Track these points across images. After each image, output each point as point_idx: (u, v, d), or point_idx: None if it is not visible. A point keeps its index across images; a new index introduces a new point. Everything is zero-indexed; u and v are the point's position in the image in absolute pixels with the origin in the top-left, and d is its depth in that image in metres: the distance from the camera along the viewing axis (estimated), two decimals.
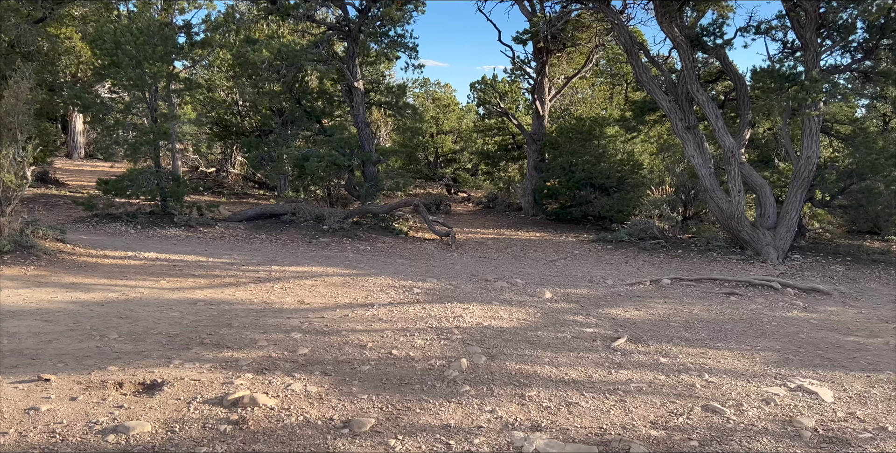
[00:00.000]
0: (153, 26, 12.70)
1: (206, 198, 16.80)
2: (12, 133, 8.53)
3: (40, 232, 8.69)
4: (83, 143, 27.34)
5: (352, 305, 6.88)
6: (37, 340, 4.88)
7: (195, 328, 5.54)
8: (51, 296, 6.43)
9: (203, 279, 7.93)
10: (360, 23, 13.39)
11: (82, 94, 12.97)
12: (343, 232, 12.41)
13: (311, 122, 15.55)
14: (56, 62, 15.59)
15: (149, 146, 12.40)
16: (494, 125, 21.14)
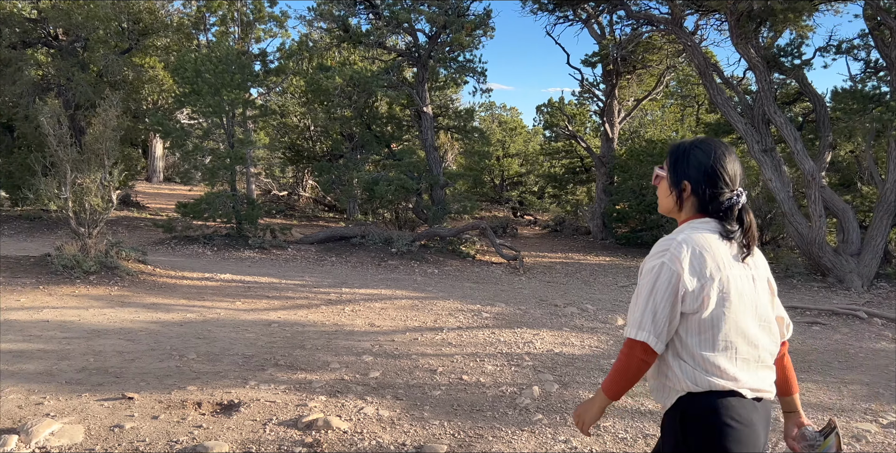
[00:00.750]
0: (231, 55, 13.21)
1: (279, 221, 17.22)
2: (100, 158, 8.96)
3: (123, 253, 9.06)
4: (162, 167, 28.52)
5: (421, 329, 6.89)
6: (121, 359, 5.05)
7: (270, 349, 5.64)
8: (133, 316, 6.67)
9: (277, 301, 8.09)
10: (429, 49, 13.60)
11: (164, 121, 13.56)
12: (411, 255, 12.49)
13: (380, 147, 15.82)
14: (140, 90, 16.34)
15: (225, 170, 12.82)
16: (562, 148, 21.05)
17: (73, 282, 7.96)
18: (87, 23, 14.15)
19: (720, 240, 1.91)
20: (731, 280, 1.88)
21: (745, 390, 1.86)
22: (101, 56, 14.47)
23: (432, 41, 13.57)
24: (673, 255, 1.86)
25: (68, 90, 14.39)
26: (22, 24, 14.58)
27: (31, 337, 5.55)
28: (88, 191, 8.63)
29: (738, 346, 1.88)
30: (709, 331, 1.86)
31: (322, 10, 13.30)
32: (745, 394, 1.86)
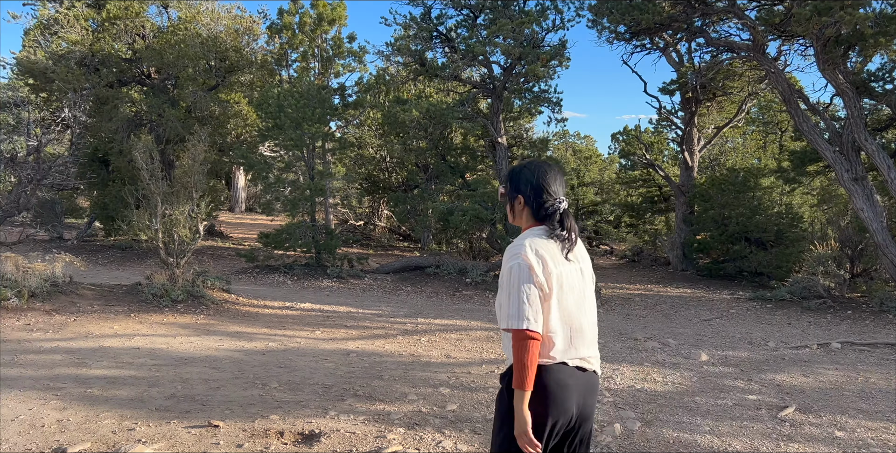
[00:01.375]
0: (311, 90, 13.65)
1: (356, 251, 17.50)
2: (188, 191, 9.35)
3: (209, 282, 9.37)
4: (244, 198, 29.52)
5: (497, 361, 6.83)
6: (206, 387, 5.20)
7: (348, 379, 5.69)
8: (218, 344, 6.86)
9: (354, 330, 8.19)
10: (504, 80, 13.70)
11: (248, 154, 14.08)
12: (485, 285, 12.45)
13: (454, 177, 15.94)
14: (225, 125, 17.03)
15: (305, 201, 13.16)
16: (639, 176, 20.71)
17: (162, 311, 8.27)
18: (178, 62, 14.91)
19: (551, 242, 2.38)
20: (563, 274, 2.36)
21: (569, 360, 2.37)
22: (189, 93, 15.19)
23: (507, 72, 13.67)
24: (523, 257, 2.30)
25: (159, 125, 15.14)
26: (119, 65, 15.48)
27: (123, 363, 5.78)
28: (177, 223, 9.00)
29: (570, 327, 2.37)
30: (547, 315, 2.31)
31: (399, 44, 13.62)
32: (569, 364, 2.37)
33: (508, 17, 12.72)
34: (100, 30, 15.21)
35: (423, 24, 13.53)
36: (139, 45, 15.40)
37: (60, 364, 5.63)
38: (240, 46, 16.39)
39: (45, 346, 6.24)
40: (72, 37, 14.69)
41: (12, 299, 7.45)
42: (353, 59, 17.67)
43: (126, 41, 15.40)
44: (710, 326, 10.06)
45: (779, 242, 14.50)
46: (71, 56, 14.69)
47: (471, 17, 13.75)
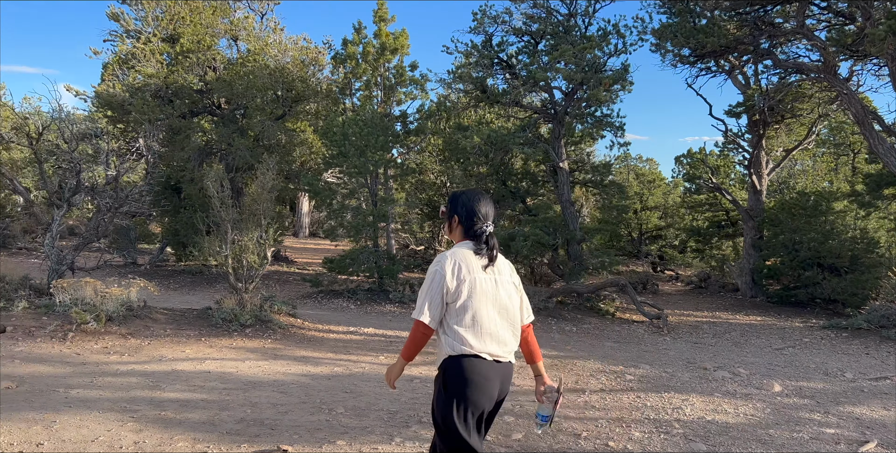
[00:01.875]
0: (375, 118, 13.91)
1: (417, 276, 17.58)
2: (257, 218, 9.59)
3: (276, 307, 9.55)
4: (308, 223, 30.09)
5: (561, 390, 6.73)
6: (275, 411, 5.28)
7: (412, 405, 5.70)
8: (285, 369, 6.97)
9: (418, 356, 8.18)
10: (566, 105, 13.69)
11: (313, 181, 14.38)
12: (547, 311, 12.32)
13: (515, 202, 15.91)
14: (292, 153, 17.47)
15: (368, 227, 13.34)
16: (705, 200, 20.27)
17: (231, 335, 8.46)
18: (247, 92, 15.42)
19: (474, 255, 2.97)
20: (477, 281, 2.92)
21: (485, 354, 2.89)
22: (257, 122, 15.66)
23: (569, 97, 13.66)
24: (442, 265, 2.90)
25: (229, 154, 15.63)
26: (191, 96, 16.10)
27: (195, 387, 5.92)
28: (246, 249, 9.24)
29: (481, 325, 2.91)
30: (461, 315, 2.90)
31: (461, 72, 13.78)
32: (485, 357, 2.89)
33: (570, 43, 12.74)
34: (173, 63, 15.88)
35: (485, 52, 13.68)
36: (210, 76, 16.00)
37: (136, 386, 5.81)
38: (306, 76, 16.85)
39: (122, 369, 6.45)
40: (148, 70, 15.38)
41: (91, 323, 7.74)
42: (415, 87, 17.94)
43: (198, 73, 16.02)
44: (783, 355, 9.71)
45: (854, 268, 13.93)
46: (147, 88, 15.36)
47: (532, 43, 13.84)
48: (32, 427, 4.54)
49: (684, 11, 12.77)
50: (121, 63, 16.08)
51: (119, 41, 16.86)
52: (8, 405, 5.00)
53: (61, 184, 10.55)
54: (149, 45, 15.70)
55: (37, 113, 19.10)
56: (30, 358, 6.67)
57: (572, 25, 13.46)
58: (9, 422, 4.58)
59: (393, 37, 17.35)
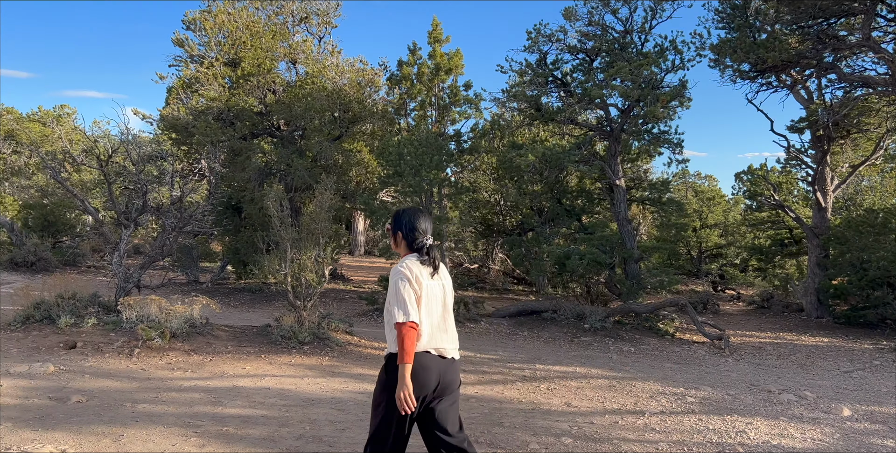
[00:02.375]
0: (429, 137, 14.05)
1: (471, 294, 17.57)
2: (315, 237, 9.75)
3: (333, 324, 9.66)
4: (363, 241, 30.44)
5: (620, 411, 6.61)
6: (333, 428, 5.32)
7: (469, 425, 5.67)
8: (343, 386, 7.04)
9: (473, 375, 8.17)
10: (622, 122, 13.58)
11: (369, 201, 14.57)
12: (605, 331, 12.15)
13: (570, 220, 15.80)
14: (348, 173, 17.74)
15: None
16: (767, 218, 19.74)
17: (290, 352, 8.59)
18: (305, 114, 15.77)
19: (421, 265, 3.41)
20: (429, 287, 3.38)
21: (431, 350, 3.36)
22: (315, 143, 15.98)
23: (625, 114, 13.55)
24: (404, 274, 3.33)
25: (288, 175, 15.97)
26: (251, 118, 16.55)
27: (255, 403, 6.03)
28: (304, 267, 9.39)
29: (431, 325, 3.37)
30: (421, 314, 3.31)
31: (515, 91, 13.84)
32: (431, 352, 3.36)
33: (626, 60, 12.67)
34: (235, 86, 16.37)
35: (539, 70, 13.71)
36: (270, 99, 16.43)
37: (199, 402, 5.94)
38: (362, 98, 17.14)
39: (185, 385, 6.61)
40: (210, 94, 15.89)
41: (156, 339, 7.97)
42: (469, 106, 18.08)
43: (258, 96, 16.47)
44: (852, 378, 9.33)
45: None
46: (209, 111, 15.86)
47: (587, 60, 13.82)
48: (102, 440, 4.68)
49: (744, 26, 12.58)
50: (185, 87, 16.65)
51: (183, 66, 17.48)
52: (78, 418, 5.18)
53: (128, 205, 10.93)
54: (211, 70, 16.23)
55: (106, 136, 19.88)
56: (98, 373, 6.89)
57: (628, 42, 13.39)
58: (79, 435, 4.74)
59: (447, 57, 17.55)
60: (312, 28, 18.18)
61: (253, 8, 17.18)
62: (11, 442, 4.51)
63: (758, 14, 12.78)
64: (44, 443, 4.46)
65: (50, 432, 4.78)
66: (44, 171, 21.54)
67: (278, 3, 17.48)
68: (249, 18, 16.68)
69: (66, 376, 6.69)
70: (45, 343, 8.09)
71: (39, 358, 7.42)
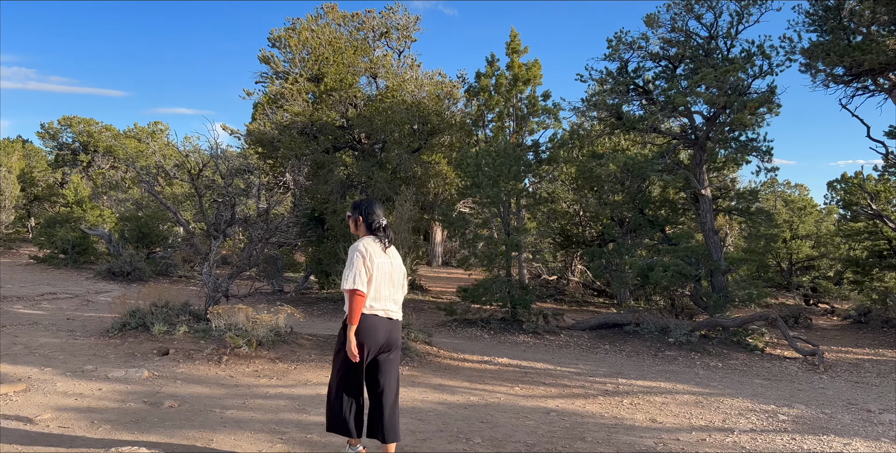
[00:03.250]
0: (508, 148, 14.02)
1: (549, 306, 17.40)
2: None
3: (413, 335, 9.73)
4: (441, 252, 30.60)
5: (708, 428, 6.39)
6: (413, 438, 5.35)
7: (550, 439, 5.59)
8: (422, 396, 7.06)
9: (553, 388, 8.07)
10: (707, 130, 13.20)
11: (447, 212, 14.65)
12: (690, 345, 11.78)
13: (653, 231, 15.43)
14: (427, 184, 17.90)
15: (501, 257, 13.37)
16: (863, 228, 18.76)
17: None
18: (385, 127, 16.03)
19: (375, 243, 4.33)
20: (379, 262, 4.27)
21: (380, 312, 4.29)
22: (395, 155, 16.21)
23: (710, 122, 13.16)
24: (360, 251, 4.21)
25: (368, 187, 16.24)
26: (333, 132, 16.93)
27: None
28: None
29: (380, 293, 4.27)
30: (368, 285, 4.21)
31: (595, 100, 13.66)
32: (380, 314, 4.29)
33: (711, 66, 12.33)
34: (318, 101, 16.80)
35: (620, 78, 13.50)
36: (351, 113, 16.78)
37: (284, 409, 6.08)
38: (441, 110, 17.29)
39: (271, 392, 6.78)
40: (294, 108, 16.36)
41: (243, 347, 8.21)
42: (548, 116, 17.97)
43: (340, 110, 16.84)
44: None
45: None
46: (293, 126, 16.33)
47: (670, 68, 13.52)
48: (193, 444, 4.85)
49: (837, 28, 12.05)
50: (270, 102, 17.20)
51: (269, 82, 18.08)
52: (171, 422, 5.38)
53: (217, 217, 11.35)
54: (296, 85, 16.72)
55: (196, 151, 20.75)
56: (189, 379, 7.15)
57: (713, 48, 13.03)
58: (172, 439, 4.92)
59: (525, 68, 17.53)
60: (392, 42, 18.50)
61: (335, 24, 17.62)
62: (110, 444, 4.73)
63: (852, 15, 12.21)
64: (139, 446, 4.65)
65: (145, 435, 4.98)
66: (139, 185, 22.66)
67: (359, 18, 17.88)
68: (332, 35, 17.12)
69: (159, 381, 6.97)
70: (140, 349, 8.47)
71: (135, 363, 7.76)
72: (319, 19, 17.69)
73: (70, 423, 5.23)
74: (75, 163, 35.21)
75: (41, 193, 31.90)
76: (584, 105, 14.06)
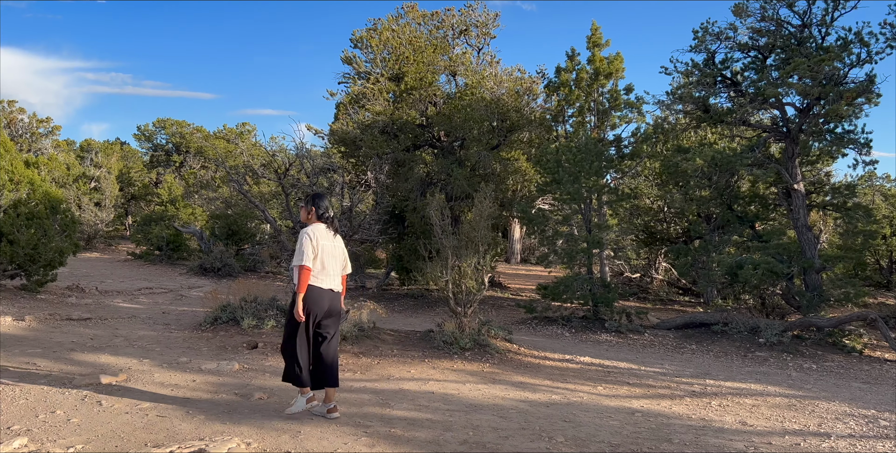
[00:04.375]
0: (589, 143, 13.80)
1: (632, 304, 17.06)
2: (475, 245, 9.88)
3: (492, 332, 9.74)
4: (519, 250, 30.45)
5: (802, 433, 6.13)
6: (496, 435, 5.35)
7: (635, 440, 5.49)
8: (504, 393, 7.06)
9: (637, 388, 7.91)
10: (800, 122, 12.63)
11: (527, 208, 14.56)
12: (782, 346, 11.32)
13: (742, 227, 14.88)
14: (506, 181, 17.83)
15: (583, 254, 13.19)
16: None
17: (452, 357, 8.75)
18: (465, 125, 16.06)
19: (325, 229, 5.46)
20: (324, 246, 5.37)
21: (324, 284, 5.38)
22: (474, 153, 16.22)
23: (803, 114, 12.59)
24: (308, 234, 5.29)
25: (448, 184, 16.32)
26: (413, 130, 17.09)
27: (420, 406, 6.19)
28: (465, 274, 9.54)
29: (325, 270, 5.37)
30: (315, 264, 5.31)
31: (681, 93, 13.27)
32: (324, 287, 5.38)
33: (804, 55, 11.79)
34: (398, 100, 17.00)
35: (707, 70, 13.08)
36: (431, 111, 16.90)
37: (368, 403, 6.19)
38: (520, 106, 17.19)
39: (355, 386, 6.91)
40: (376, 108, 16.60)
41: None
42: (630, 110, 17.58)
43: (420, 109, 16.98)
44: None
45: None
46: (375, 125, 16.57)
47: (759, 58, 13.01)
48: (282, 435, 5.00)
49: None
50: (352, 102, 17.51)
51: (351, 82, 18.41)
52: (260, 414, 5.56)
53: None
54: (377, 85, 16.97)
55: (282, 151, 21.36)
56: (277, 372, 7.36)
57: (806, 37, 12.45)
58: (262, 430, 5.09)
59: (607, 61, 17.20)
60: (472, 40, 18.51)
61: (415, 23, 17.77)
62: (204, 434, 4.93)
63: None
64: (231, 436, 4.83)
65: (236, 426, 5.17)
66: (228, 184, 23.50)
67: (439, 17, 17.98)
68: (412, 34, 17.27)
69: (249, 374, 7.22)
70: (231, 342, 8.79)
71: (226, 356, 8.06)
72: (400, 19, 17.88)
73: (167, 412, 5.48)
74: (168, 163, 36.86)
75: (138, 192, 33.59)
76: (669, 98, 13.69)
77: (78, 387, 6.13)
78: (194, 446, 4.57)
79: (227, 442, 4.67)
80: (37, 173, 13.13)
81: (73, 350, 8.02)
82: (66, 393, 5.93)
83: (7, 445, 4.44)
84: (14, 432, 4.80)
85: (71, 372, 6.74)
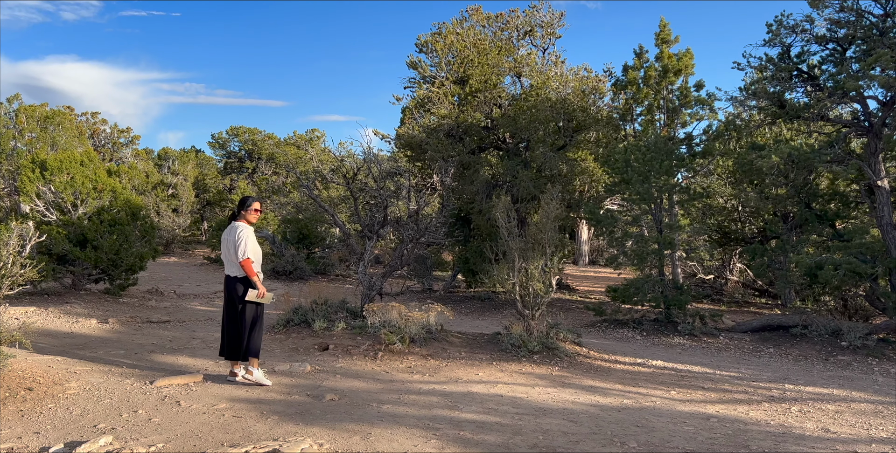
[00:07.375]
0: (658, 142, 13.52)
1: (706, 306, 16.62)
2: (542, 246, 9.81)
3: (561, 334, 9.64)
4: (587, 251, 30.06)
5: (891, 441, 5.85)
6: (566, 440, 5.29)
7: (711, 446, 5.34)
8: (573, 397, 6.97)
9: (712, 392, 7.70)
10: (883, 116, 12.05)
11: (594, 209, 14.36)
12: (866, 349, 10.82)
13: (822, 226, 14.29)
14: (573, 182, 17.64)
15: (654, 255, 12.93)
16: None
17: (520, 360, 8.70)
18: (530, 126, 15.97)
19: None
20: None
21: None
22: (540, 154, 16.11)
23: (887, 107, 12.00)
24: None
25: (514, 186, 16.26)
26: (478, 133, 17.10)
27: (488, 409, 6.18)
28: (532, 277, 9.47)
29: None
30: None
31: (754, 88, 12.84)
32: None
33: (887, 46, 11.25)
34: (463, 103, 17.03)
35: (782, 64, 12.61)
36: (496, 113, 16.87)
37: (436, 405, 6.22)
38: (586, 106, 16.99)
39: (424, 388, 6.95)
40: (441, 111, 16.69)
41: (397, 343, 8.49)
42: (701, 107, 17.16)
43: (484, 111, 16.98)
44: None
45: None
46: (440, 128, 16.65)
47: (838, 50, 12.47)
48: (353, 436, 5.07)
49: None
50: (418, 106, 17.65)
51: (417, 87, 18.55)
52: (332, 415, 5.66)
53: (371, 218, 11.82)
54: (442, 89, 17.05)
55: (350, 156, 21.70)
56: (347, 374, 7.49)
57: (889, 26, 11.87)
58: (333, 431, 5.17)
59: (676, 58, 16.86)
60: (536, 40, 18.40)
61: (480, 26, 17.80)
62: (278, 434, 5.04)
63: None
64: (304, 437, 4.93)
65: (308, 427, 5.27)
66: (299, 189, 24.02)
67: (503, 19, 17.95)
68: (476, 37, 17.30)
69: (320, 375, 7.35)
70: (303, 344, 8.97)
71: (298, 358, 8.23)
72: (464, 22, 17.94)
73: (242, 413, 5.64)
74: (241, 169, 37.91)
75: (212, 198, 34.70)
76: (742, 94, 13.24)
77: (158, 388, 6.38)
78: (268, 446, 4.68)
79: (300, 442, 4.77)
80: (118, 181, 13.75)
81: (153, 351, 8.34)
82: (147, 393, 6.18)
83: (94, 443, 4.65)
84: (100, 430, 5.03)
85: (152, 373, 7.01)
